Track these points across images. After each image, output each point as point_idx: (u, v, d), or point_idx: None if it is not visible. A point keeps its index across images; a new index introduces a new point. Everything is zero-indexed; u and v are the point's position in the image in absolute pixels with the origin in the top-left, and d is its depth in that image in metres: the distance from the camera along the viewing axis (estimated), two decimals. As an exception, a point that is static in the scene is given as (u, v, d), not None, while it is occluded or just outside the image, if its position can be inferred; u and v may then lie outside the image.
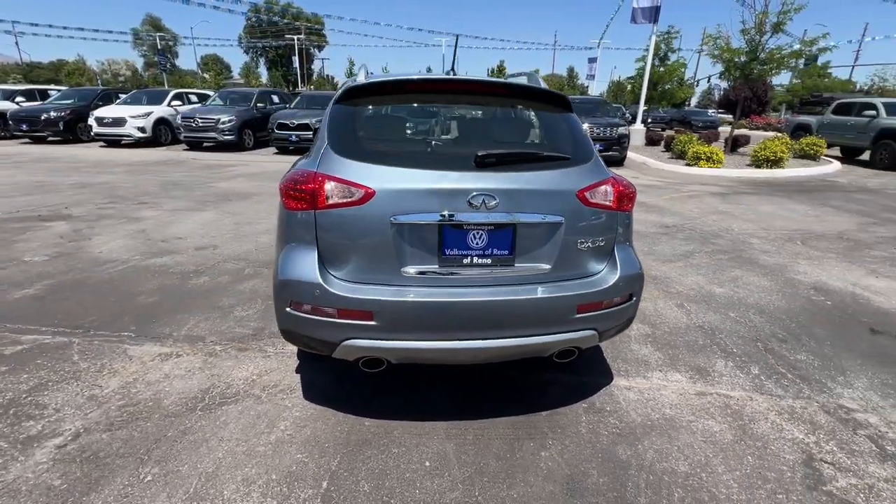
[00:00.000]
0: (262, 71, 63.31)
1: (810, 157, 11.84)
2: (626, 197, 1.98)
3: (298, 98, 13.57)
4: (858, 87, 33.04)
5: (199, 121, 11.78)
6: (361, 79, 2.22)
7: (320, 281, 1.76)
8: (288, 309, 1.85)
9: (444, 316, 1.78)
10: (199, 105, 13.29)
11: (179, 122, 12.01)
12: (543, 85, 2.33)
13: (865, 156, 12.63)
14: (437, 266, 1.81)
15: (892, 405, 2.31)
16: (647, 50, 17.93)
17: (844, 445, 2.01)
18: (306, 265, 1.80)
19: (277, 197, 2.00)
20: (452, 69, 2.35)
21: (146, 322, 2.91)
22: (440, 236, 1.78)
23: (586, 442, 1.99)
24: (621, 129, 11.30)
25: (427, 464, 1.84)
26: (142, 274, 3.72)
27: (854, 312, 3.38)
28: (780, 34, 11.41)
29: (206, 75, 55.88)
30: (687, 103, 30.78)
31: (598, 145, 10.21)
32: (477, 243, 1.81)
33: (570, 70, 57.47)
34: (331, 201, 1.76)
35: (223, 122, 11.81)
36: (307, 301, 1.79)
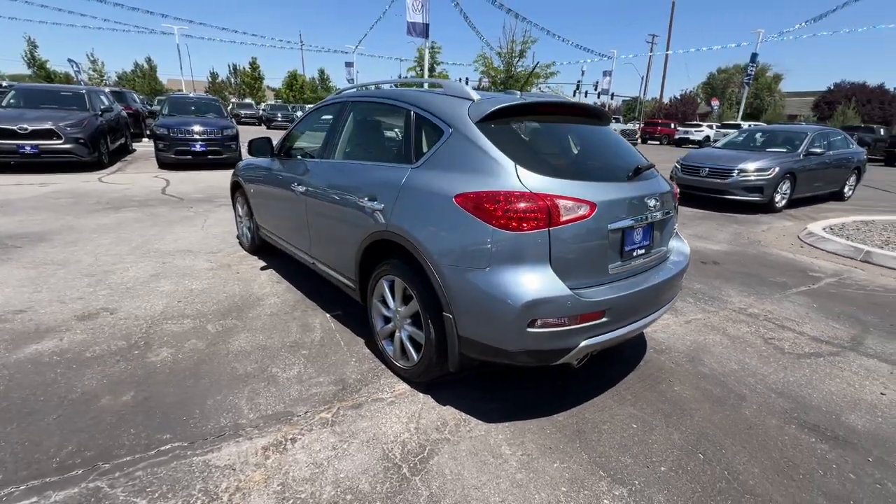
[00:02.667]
0: None
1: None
2: None
3: (12, 93, 9.51)
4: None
5: None
6: (476, 96, 2.26)
7: (571, 292, 1.86)
8: (529, 329, 1.86)
9: (640, 301, 2.16)
10: None
11: None
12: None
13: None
14: (620, 262, 2.16)
15: (754, 300, 3.91)
16: (416, 61, 20.05)
17: (764, 327, 3.38)
18: (548, 281, 1.86)
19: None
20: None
21: (173, 424, 2.06)
22: (623, 237, 2.14)
23: (682, 372, 2.71)
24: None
25: (634, 426, 2.20)
26: (40, 372, 2.41)
27: (683, 254, 5.24)
28: (524, 58, 14.93)
29: None
30: None
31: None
32: (637, 239, 2.24)
33: (322, 72, 57.43)
34: (564, 217, 1.87)
35: None
36: (558, 314, 1.86)
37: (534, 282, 1.86)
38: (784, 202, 8.10)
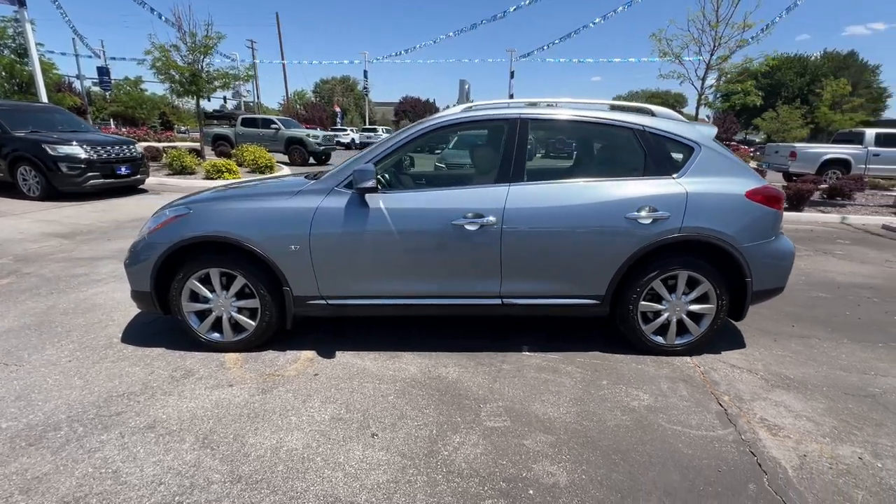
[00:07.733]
0: None
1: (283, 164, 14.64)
2: None
3: None
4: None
5: None
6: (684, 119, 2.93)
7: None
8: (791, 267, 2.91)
9: None
10: None
11: None
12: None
13: (284, 157, 16.53)
14: None
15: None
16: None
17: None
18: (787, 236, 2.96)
19: None
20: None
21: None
22: None
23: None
24: (139, 148, 9.27)
25: (793, 326, 3.61)
26: None
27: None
28: (211, 55, 12.71)
29: None
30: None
31: (124, 168, 8.30)
32: None
33: None
34: None
35: None
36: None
37: (788, 237, 2.93)
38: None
